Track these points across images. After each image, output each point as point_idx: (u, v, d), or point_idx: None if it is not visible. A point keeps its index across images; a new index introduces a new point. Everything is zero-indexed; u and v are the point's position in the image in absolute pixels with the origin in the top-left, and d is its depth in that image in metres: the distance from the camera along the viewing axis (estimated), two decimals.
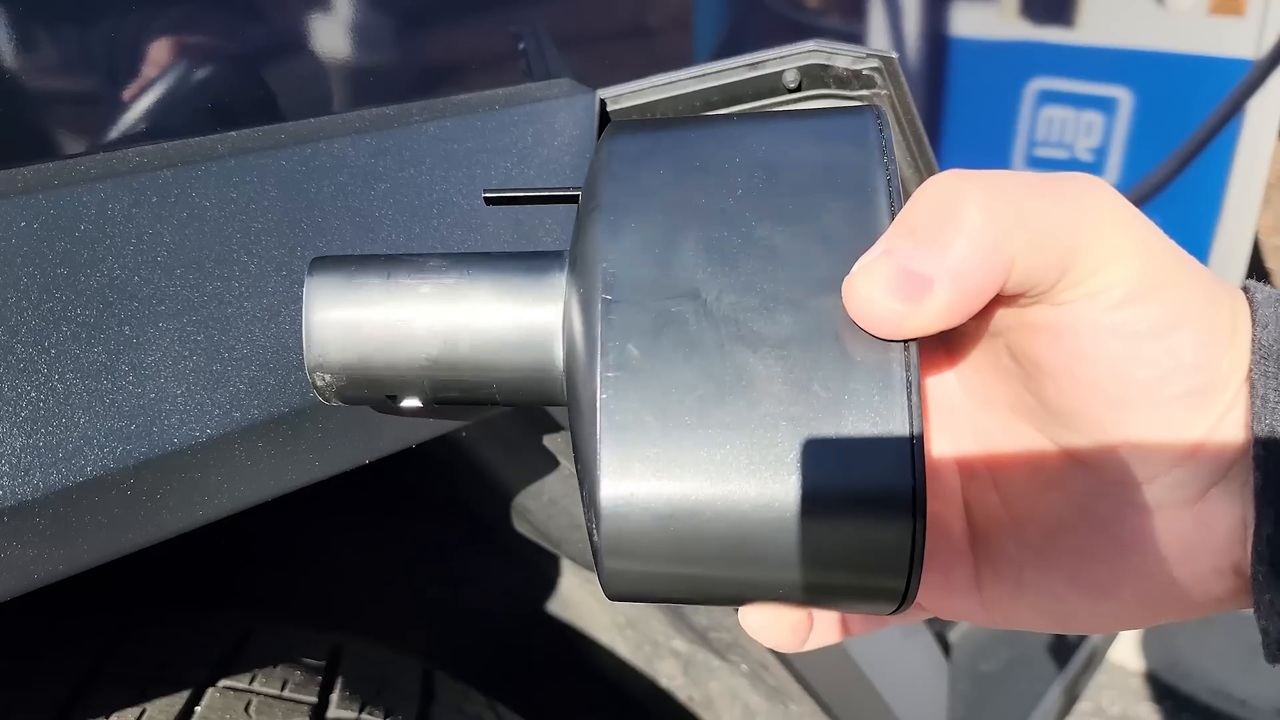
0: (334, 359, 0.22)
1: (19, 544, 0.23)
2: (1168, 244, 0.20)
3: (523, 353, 0.21)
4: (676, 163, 0.20)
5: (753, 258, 0.19)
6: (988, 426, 0.23)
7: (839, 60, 0.32)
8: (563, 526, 0.46)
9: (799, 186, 0.20)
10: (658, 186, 0.20)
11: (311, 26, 0.30)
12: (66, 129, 0.26)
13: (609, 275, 0.19)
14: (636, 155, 0.20)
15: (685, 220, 0.20)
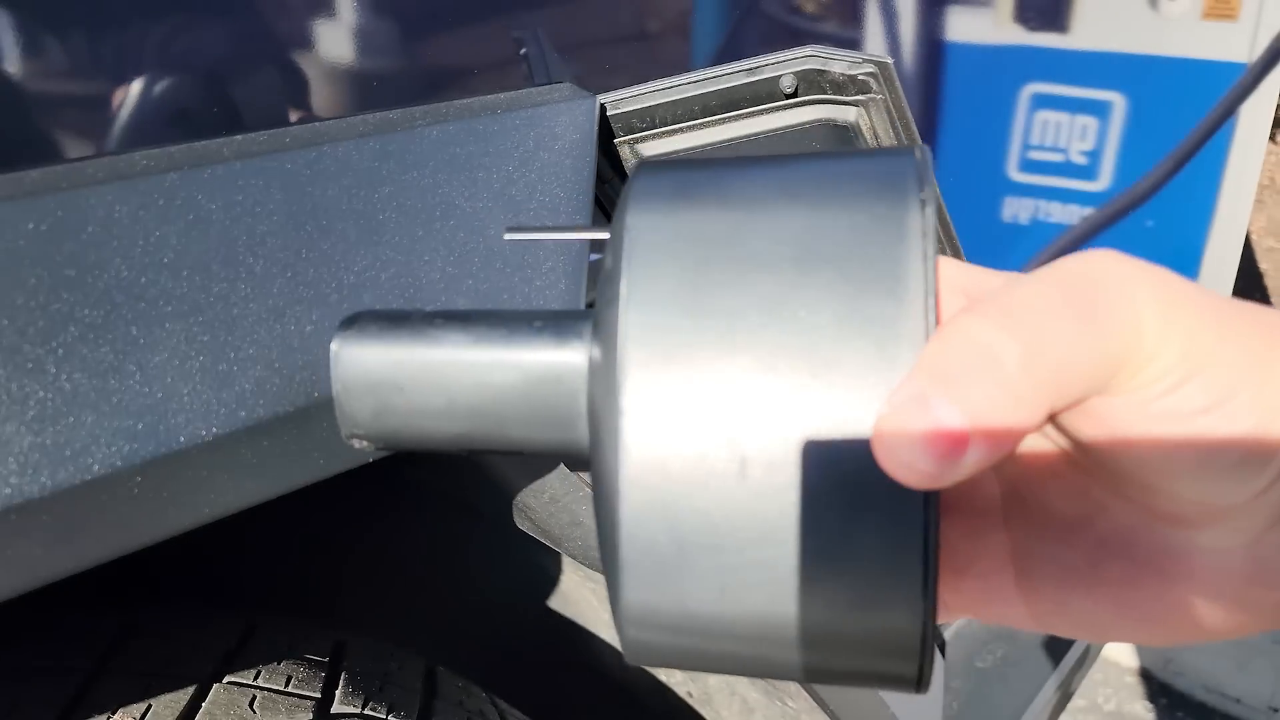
0: (364, 430, 0.22)
1: (26, 541, 0.23)
2: (1212, 313, 0.18)
3: (548, 432, 0.22)
4: (704, 228, 0.19)
5: (786, 365, 0.18)
6: (1031, 444, 0.22)
7: (835, 65, 0.33)
8: (564, 524, 0.47)
9: (830, 267, 0.19)
10: (684, 250, 0.19)
11: (316, 31, 0.31)
12: (73, 132, 0.26)
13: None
14: (663, 214, 0.19)
15: (709, 298, 0.19)
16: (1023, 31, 0.78)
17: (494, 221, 0.32)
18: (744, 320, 0.19)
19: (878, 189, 0.19)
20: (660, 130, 0.36)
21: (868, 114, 0.34)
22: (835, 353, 0.18)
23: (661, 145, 0.36)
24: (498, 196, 0.32)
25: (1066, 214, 0.89)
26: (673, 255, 0.19)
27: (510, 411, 0.21)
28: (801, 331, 0.18)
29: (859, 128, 0.34)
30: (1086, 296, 0.18)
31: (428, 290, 0.30)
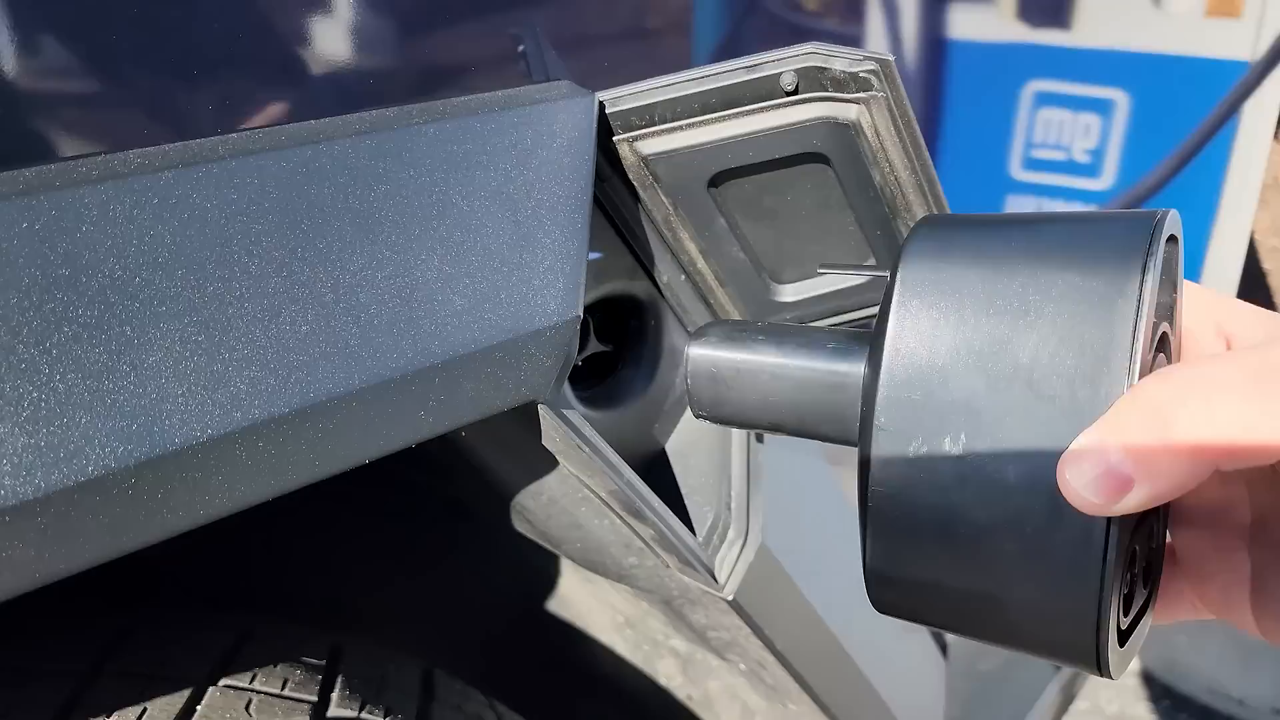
0: (705, 412, 0.31)
1: (20, 543, 0.23)
2: None
3: (829, 426, 0.29)
4: (960, 283, 0.25)
5: (1007, 398, 0.23)
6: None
7: (836, 63, 0.32)
8: (562, 526, 0.46)
9: (1049, 321, 0.23)
10: (939, 300, 0.25)
11: (312, 28, 0.30)
12: (68, 130, 0.26)
13: (885, 397, 0.25)
14: (929, 269, 0.25)
15: (953, 337, 0.24)
16: (1025, 29, 0.78)
17: (492, 219, 0.31)
18: (978, 357, 0.24)
19: (1108, 254, 0.23)
20: (660, 128, 0.36)
21: (869, 112, 0.33)
22: (1047, 388, 0.22)
23: (661, 143, 0.36)
24: (495, 194, 0.31)
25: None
26: (930, 303, 0.25)
27: (805, 409, 0.29)
28: (1019, 371, 0.23)
29: (860, 126, 0.34)
30: (1264, 375, 0.20)
31: (424, 289, 0.30)
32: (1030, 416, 0.23)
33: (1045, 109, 0.82)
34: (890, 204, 0.36)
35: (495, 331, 0.31)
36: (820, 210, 0.38)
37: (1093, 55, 0.83)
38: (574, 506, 0.44)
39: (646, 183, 0.38)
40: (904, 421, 0.24)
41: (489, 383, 0.31)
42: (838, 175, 0.36)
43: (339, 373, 0.28)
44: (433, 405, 0.30)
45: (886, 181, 0.35)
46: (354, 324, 0.28)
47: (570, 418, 0.36)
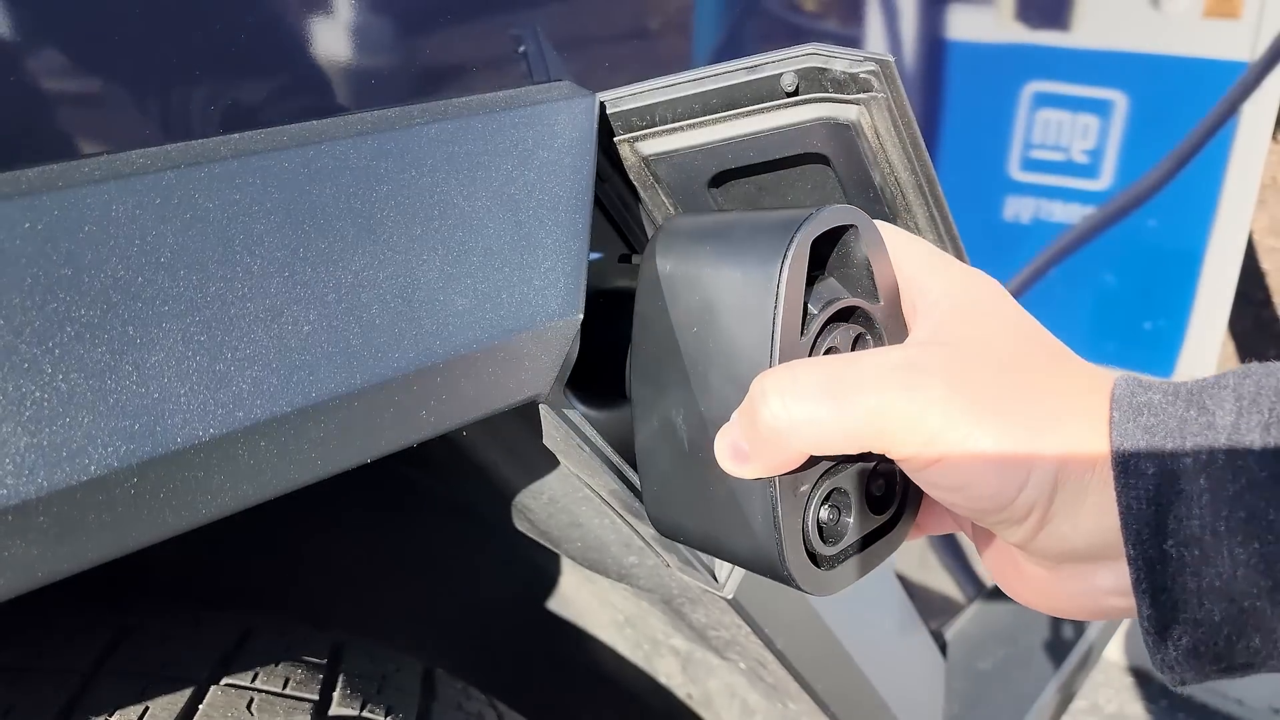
0: None
1: (22, 542, 0.23)
2: (958, 397, 0.26)
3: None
4: (685, 281, 0.32)
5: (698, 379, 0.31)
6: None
7: (836, 64, 0.33)
8: (563, 525, 0.46)
9: (734, 316, 0.29)
10: (671, 297, 0.32)
11: (313, 28, 0.31)
12: (70, 131, 0.26)
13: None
14: (665, 264, 0.32)
15: (683, 324, 0.31)
16: (1024, 30, 0.78)
17: (493, 220, 0.31)
18: (692, 335, 0.30)
19: (762, 255, 0.28)
20: (660, 128, 0.36)
21: (869, 113, 0.33)
22: (735, 370, 0.29)
23: (661, 143, 0.36)
24: (496, 195, 0.32)
25: (1068, 213, 0.89)
26: (661, 290, 0.31)
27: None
28: (719, 347, 0.29)
29: (860, 126, 0.34)
30: (844, 389, 0.26)
31: (425, 289, 0.30)
32: (725, 395, 0.29)
33: (1044, 110, 0.82)
34: (890, 204, 0.36)
35: (496, 331, 0.31)
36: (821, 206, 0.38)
37: (1091, 56, 0.84)
38: (574, 506, 0.44)
39: (647, 183, 0.38)
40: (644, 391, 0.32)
41: (489, 382, 0.31)
42: (838, 176, 0.36)
43: (340, 372, 0.28)
44: (433, 405, 0.30)
45: (886, 182, 0.36)
46: (355, 324, 0.28)
47: (570, 417, 0.36)
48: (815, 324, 0.29)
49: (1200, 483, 0.24)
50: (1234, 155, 0.95)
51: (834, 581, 0.30)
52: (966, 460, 0.25)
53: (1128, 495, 0.24)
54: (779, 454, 0.27)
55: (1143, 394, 0.26)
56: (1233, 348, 1.92)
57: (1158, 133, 0.90)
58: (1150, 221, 0.95)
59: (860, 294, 0.30)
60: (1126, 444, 0.25)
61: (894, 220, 0.37)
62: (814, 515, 0.30)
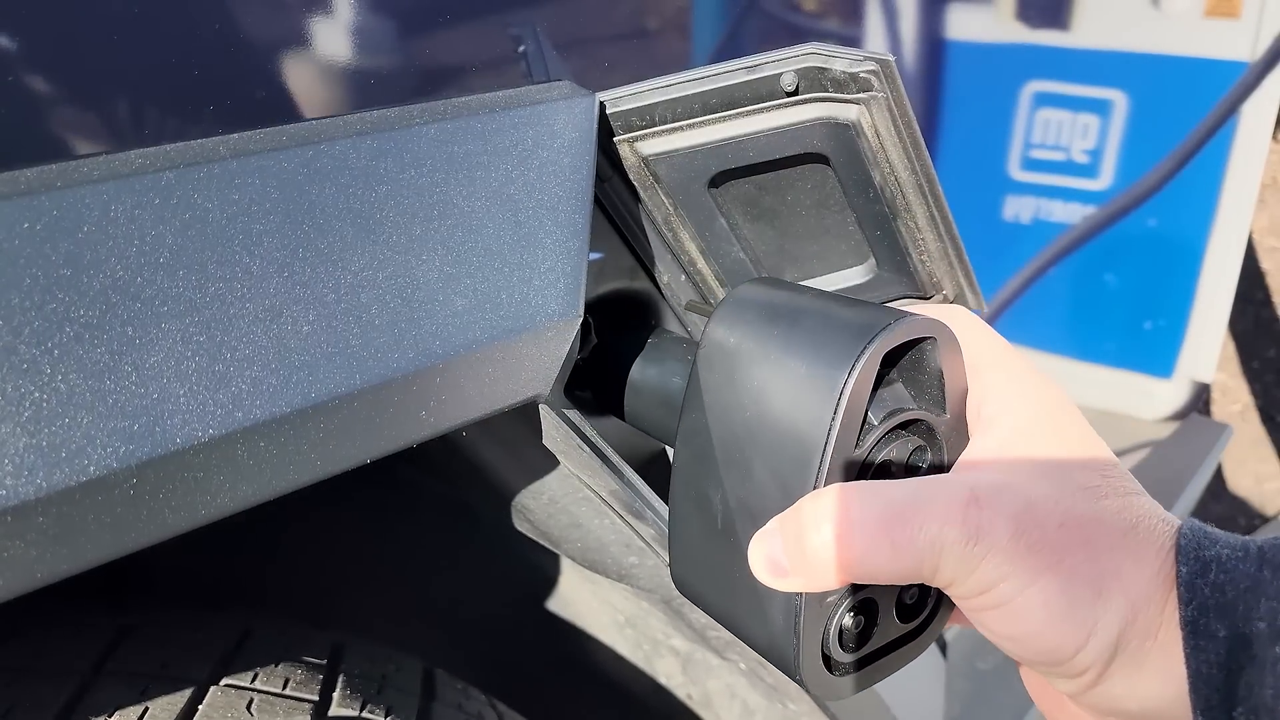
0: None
1: (22, 543, 0.23)
2: (1013, 546, 0.25)
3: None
4: (746, 358, 0.30)
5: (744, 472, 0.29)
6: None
7: (836, 63, 0.32)
8: (563, 526, 0.46)
9: (787, 413, 0.28)
10: (731, 374, 0.30)
11: (313, 28, 0.31)
12: (69, 130, 0.26)
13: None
14: (729, 337, 0.31)
15: (735, 410, 0.30)
16: (1024, 29, 0.78)
17: (493, 220, 0.31)
18: (744, 427, 0.29)
19: (828, 360, 0.27)
20: (659, 128, 0.36)
21: (869, 112, 0.33)
22: (779, 472, 0.28)
23: (661, 143, 0.36)
24: (496, 195, 0.32)
25: (1068, 212, 0.89)
26: (721, 367, 0.30)
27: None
28: (762, 445, 0.28)
29: (860, 126, 0.34)
30: (902, 526, 0.25)
31: (425, 289, 0.30)
32: (767, 488, 0.28)
33: (1044, 109, 0.82)
34: (890, 204, 0.36)
35: (496, 331, 0.31)
36: (820, 210, 0.38)
37: (1091, 56, 0.84)
38: (574, 506, 0.44)
39: (647, 183, 0.38)
40: (690, 458, 0.31)
41: (489, 383, 0.31)
42: (838, 175, 0.36)
43: (340, 373, 0.28)
44: (433, 405, 0.30)
45: (886, 182, 0.35)
46: (355, 324, 0.28)
47: (570, 417, 0.36)
48: (872, 436, 0.27)
49: (1276, 650, 0.23)
50: (1234, 155, 0.95)
51: (846, 688, 0.29)
52: (1025, 612, 0.24)
53: (1198, 658, 0.23)
54: (821, 580, 0.26)
55: (1210, 548, 0.25)
56: (1233, 348, 1.92)
57: (1158, 133, 0.90)
58: (1150, 221, 0.95)
59: (927, 404, 0.29)
60: (1196, 602, 0.24)
61: (894, 220, 0.37)
62: (838, 623, 0.28)
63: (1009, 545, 0.24)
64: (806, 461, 0.26)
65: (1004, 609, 0.25)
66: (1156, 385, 1.05)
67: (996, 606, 0.25)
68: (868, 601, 0.29)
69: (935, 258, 0.38)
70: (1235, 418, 1.86)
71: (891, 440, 0.28)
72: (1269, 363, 1.90)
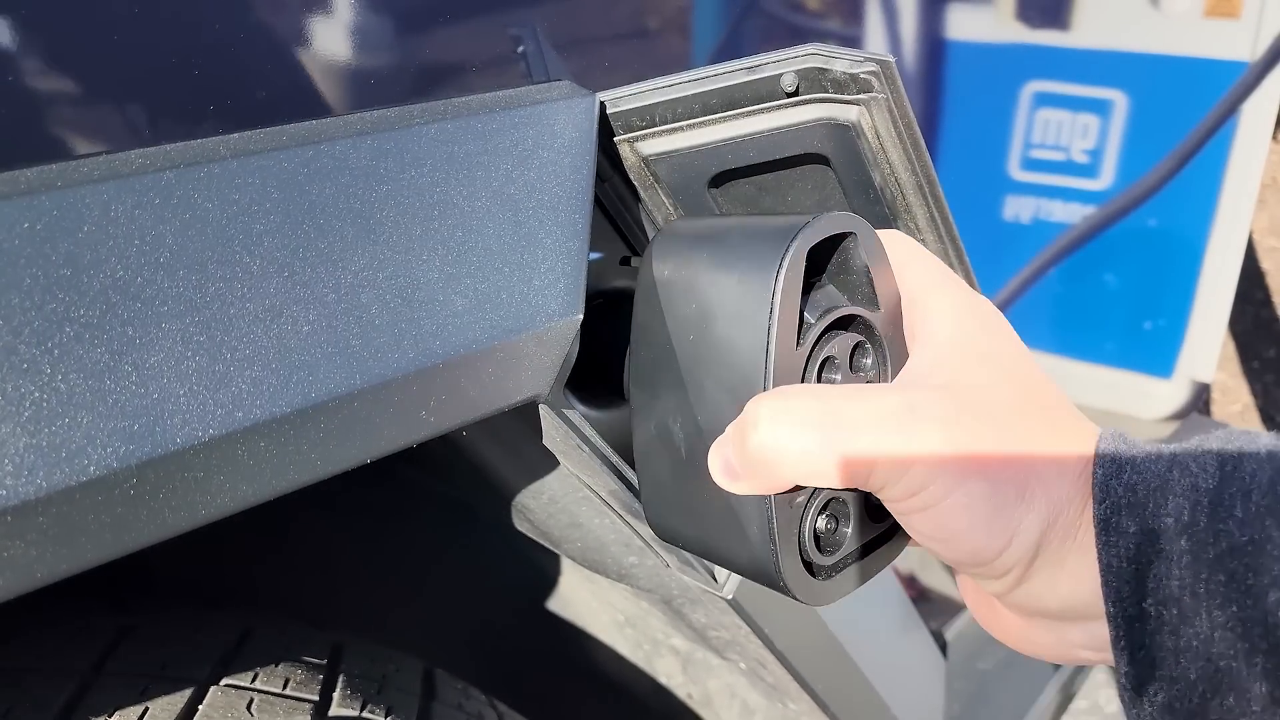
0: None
1: (22, 543, 0.23)
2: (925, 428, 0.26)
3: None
4: (683, 285, 0.31)
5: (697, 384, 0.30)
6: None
7: (837, 64, 0.32)
8: (563, 525, 0.46)
9: (731, 326, 0.28)
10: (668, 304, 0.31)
11: (312, 28, 0.31)
12: (69, 130, 0.26)
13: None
14: (663, 268, 0.32)
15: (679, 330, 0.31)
16: (1024, 29, 0.78)
17: (492, 220, 0.31)
18: (693, 344, 0.30)
19: (759, 265, 0.27)
20: (660, 128, 0.36)
21: (869, 113, 0.33)
22: (730, 380, 0.28)
23: (661, 143, 0.36)
24: (496, 195, 0.32)
25: (1068, 213, 0.89)
26: (658, 299, 0.31)
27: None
28: (717, 354, 0.29)
29: (860, 127, 0.34)
30: (837, 429, 0.26)
31: (425, 289, 0.30)
32: (721, 403, 0.29)
33: (1044, 109, 0.82)
34: (890, 205, 0.36)
35: (496, 331, 0.31)
36: (820, 211, 0.38)
37: (1091, 56, 0.84)
38: (574, 506, 0.44)
39: (647, 183, 0.38)
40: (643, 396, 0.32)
41: (489, 383, 0.31)
42: (838, 176, 0.36)
43: (340, 373, 0.28)
44: (433, 405, 0.30)
45: (886, 183, 0.36)
46: (355, 324, 0.28)
47: (570, 418, 0.36)
48: (812, 334, 0.28)
49: (1181, 543, 0.24)
50: (1234, 155, 0.95)
51: (831, 591, 0.30)
52: (951, 514, 0.25)
53: (1109, 553, 0.24)
54: (767, 479, 0.27)
55: (1126, 451, 0.25)
56: (1233, 348, 1.92)
57: (1158, 133, 0.90)
58: (1150, 221, 0.95)
59: (860, 301, 0.30)
60: (1109, 501, 0.25)
61: (894, 221, 0.37)
62: (810, 525, 0.29)
63: (939, 448, 0.25)
64: (752, 367, 0.27)
65: (931, 511, 0.25)
66: (1156, 385, 1.05)
67: (924, 509, 0.26)
68: (837, 503, 0.30)
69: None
70: (1235, 418, 1.86)
71: (831, 337, 0.29)
72: (1269, 363, 1.91)
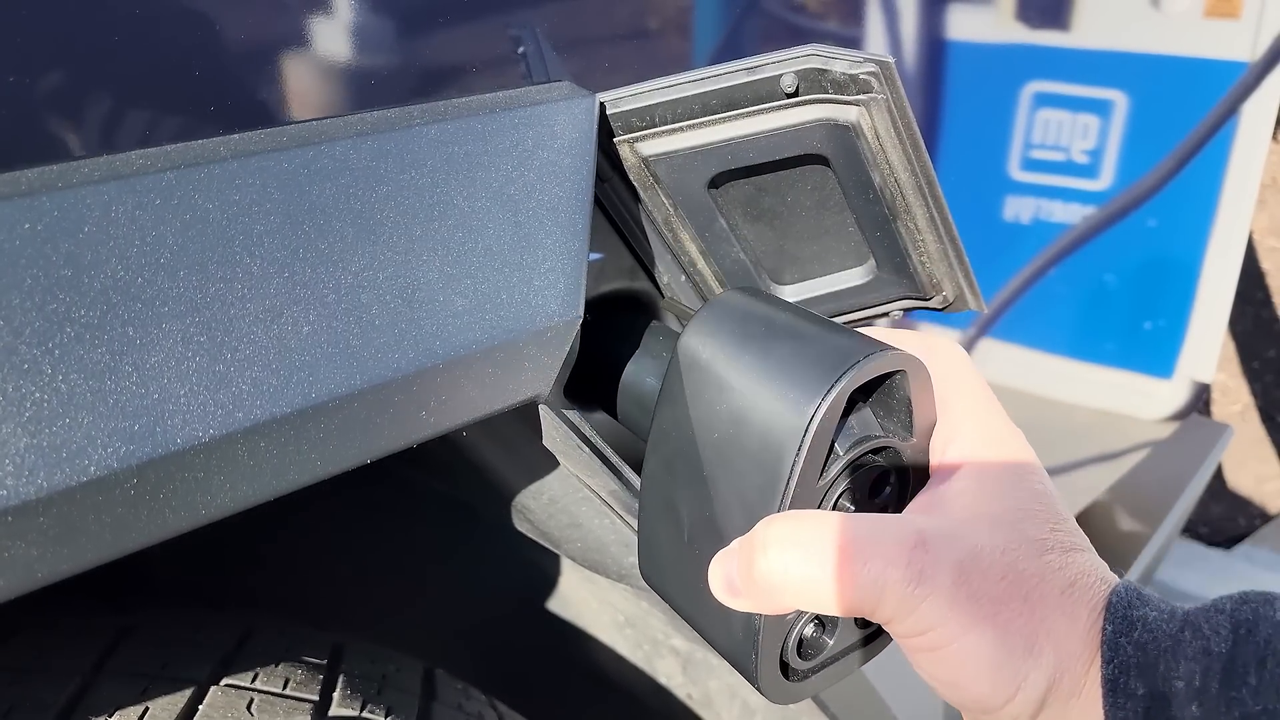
0: None
1: (23, 543, 0.23)
2: (955, 588, 0.25)
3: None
4: (718, 375, 0.30)
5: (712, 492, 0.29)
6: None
7: (836, 65, 0.33)
8: (563, 525, 0.46)
9: (757, 439, 0.28)
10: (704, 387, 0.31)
11: (313, 29, 0.31)
12: (70, 131, 0.26)
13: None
14: (701, 351, 0.32)
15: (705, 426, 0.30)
16: (1024, 30, 0.78)
17: (492, 220, 0.31)
18: (714, 445, 0.29)
19: (800, 390, 0.27)
20: (660, 129, 0.36)
21: (869, 114, 0.33)
22: (746, 494, 0.28)
23: (661, 144, 0.36)
24: (496, 195, 0.32)
25: (1068, 213, 0.89)
26: (694, 380, 0.30)
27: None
28: (732, 465, 0.29)
29: (860, 128, 0.34)
30: (847, 560, 0.25)
31: (425, 290, 0.30)
32: (731, 509, 0.28)
33: (1044, 110, 0.82)
34: (890, 205, 0.36)
35: (496, 332, 0.31)
36: (820, 211, 0.38)
37: (1091, 56, 0.84)
38: (574, 506, 0.44)
39: (647, 184, 0.38)
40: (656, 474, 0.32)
41: (489, 383, 0.31)
42: (838, 177, 0.36)
43: (340, 373, 0.28)
44: (433, 405, 0.30)
45: (886, 183, 0.36)
46: (355, 324, 0.28)
47: (570, 418, 0.36)
48: (836, 466, 0.28)
49: (1193, 710, 0.23)
50: (1234, 155, 0.95)
51: (802, 691, 0.30)
52: (958, 659, 0.25)
53: (1117, 716, 0.24)
54: (769, 603, 0.27)
55: (1139, 609, 0.25)
56: (1233, 348, 1.92)
57: (1158, 133, 0.90)
58: (1150, 221, 0.95)
59: (894, 429, 0.29)
60: (1118, 660, 0.24)
61: (894, 221, 0.37)
62: (797, 634, 0.29)
63: (949, 591, 0.25)
64: (770, 488, 0.27)
65: (939, 653, 0.25)
66: (1156, 385, 1.05)
67: (932, 650, 0.25)
68: (828, 615, 0.30)
69: (935, 259, 0.38)
70: (1235, 418, 1.86)
71: (857, 467, 0.28)
72: (1269, 363, 1.91)
